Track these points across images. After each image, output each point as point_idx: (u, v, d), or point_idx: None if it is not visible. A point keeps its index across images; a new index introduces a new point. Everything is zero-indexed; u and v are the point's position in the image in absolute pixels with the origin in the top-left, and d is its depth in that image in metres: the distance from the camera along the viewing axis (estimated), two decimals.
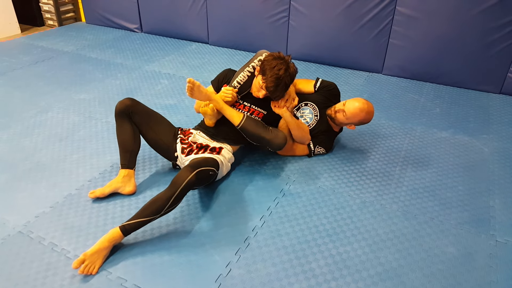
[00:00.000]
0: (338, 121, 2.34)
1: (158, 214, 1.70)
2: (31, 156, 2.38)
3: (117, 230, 1.68)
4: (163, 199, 1.70)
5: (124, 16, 4.82)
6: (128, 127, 2.05)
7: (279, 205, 2.02)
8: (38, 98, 3.10)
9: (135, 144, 2.07)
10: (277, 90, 2.04)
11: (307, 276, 1.62)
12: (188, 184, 1.74)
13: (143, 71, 3.67)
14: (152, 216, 1.70)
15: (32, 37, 4.61)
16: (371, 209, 2.01)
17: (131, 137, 2.05)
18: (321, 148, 2.40)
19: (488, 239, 1.84)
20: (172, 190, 1.72)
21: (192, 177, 1.76)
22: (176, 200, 1.73)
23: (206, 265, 1.66)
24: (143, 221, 1.70)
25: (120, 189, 2.04)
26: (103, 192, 2.01)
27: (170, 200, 1.70)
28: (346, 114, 2.27)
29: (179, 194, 1.73)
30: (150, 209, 1.70)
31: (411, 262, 1.70)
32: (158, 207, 1.70)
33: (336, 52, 3.81)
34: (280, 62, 2.02)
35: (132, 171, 2.06)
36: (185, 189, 1.74)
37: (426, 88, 3.46)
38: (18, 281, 1.58)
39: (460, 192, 2.14)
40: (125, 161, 2.05)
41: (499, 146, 2.59)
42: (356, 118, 2.27)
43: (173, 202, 1.72)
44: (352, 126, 2.35)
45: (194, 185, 1.81)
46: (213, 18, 4.27)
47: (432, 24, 3.34)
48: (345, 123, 2.34)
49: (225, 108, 2.12)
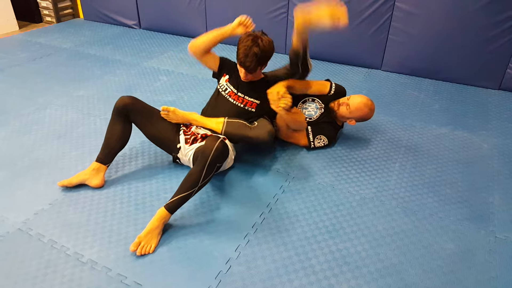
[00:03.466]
0: (340, 114, 2.38)
1: (195, 187, 1.78)
2: (29, 153, 2.37)
3: (163, 210, 1.77)
4: (197, 171, 1.77)
5: (122, 12, 4.79)
6: (119, 128, 2.09)
7: (279, 202, 2.02)
8: (36, 94, 3.09)
9: (118, 145, 2.12)
10: (247, 61, 2.07)
11: (307, 272, 1.62)
12: (217, 152, 1.79)
13: (141, 68, 3.65)
14: (190, 191, 1.77)
15: (30, 33, 4.59)
16: (370, 206, 2.01)
17: (117, 138, 2.10)
18: (321, 137, 2.40)
19: (488, 235, 1.84)
20: (202, 161, 1.78)
21: (219, 144, 1.80)
22: (208, 171, 1.79)
23: (206, 262, 1.66)
24: (183, 196, 1.77)
25: (87, 181, 2.06)
26: (71, 182, 2.05)
27: (203, 172, 1.77)
28: (349, 108, 2.32)
29: (211, 164, 1.78)
30: (187, 185, 1.78)
31: (411, 259, 1.70)
32: (193, 180, 1.77)
33: (335, 48, 3.80)
34: (249, 37, 2.09)
35: (104, 166, 2.10)
36: (215, 158, 1.79)
37: (425, 84, 3.45)
38: (17, 278, 1.58)
39: (460, 188, 2.15)
40: (101, 155, 2.09)
41: (498, 142, 2.59)
42: (359, 112, 2.32)
43: (206, 173, 1.78)
44: (352, 121, 2.38)
45: (221, 155, 1.84)
46: (211, 14, 4.25)
47: (431, 20, 3.33)
48: (346, 117, 2.37)
49: (205, 122, 2.16)
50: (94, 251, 1.70)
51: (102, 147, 2.09)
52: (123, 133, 2.10)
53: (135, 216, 1.90)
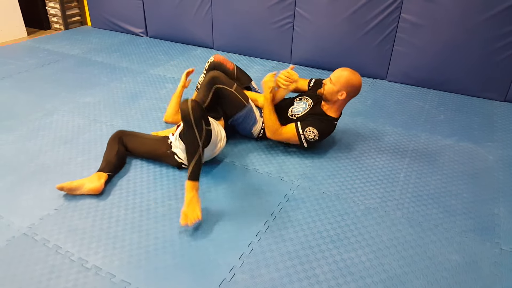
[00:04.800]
0: (327, 92, 2.35)
1: (198, 147, 1.91)
2: (36, 158, 2.39)
3: (188, 182, 1.89)
4: (190, 134, 1.91)
5: (130, 20, 4.85)
6: (115, 147, 2.26)
7: (283, 210, 2.02)
8: (43, 100, 3.12)
9: (115, 158, 2.22)
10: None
11: (311, 282, 1.62)
12: (194, 110, 1.89)
13: (148, 75, 3.68)
14: (197, 154, 1.90)
15: (38, 40, 4.65)
16: (375, 216, 2.00)
17: (114, 153, 2.23)
18: (311, 129, 2.34)
19: (493, 247, 1.83)
20: (188, 124, 1.90)
21: (192, 103, 1.90)
22: (199, 129, 1.90)
23: (210, 270, 1.66)
24: (195, 162, 1.90)
25: (86, 185, 2.06)
26: (70, 185, 2.05)
27: (195, 131, 1.90)
28: (332, 80, 2.33)
29: (196, 122, 1.89)
30: (190, 151, 1.91)
31: (415, 269, 1.69)
32: (193, 143, 1.91)
33: (340, 58, 3.82)
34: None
35: (104, 174, 2.13)
36: (197, 116, 1.89)
37: (431, 95, 3.46)
38: (22, 283, 1.58)
39: (465, 200, 2.14)
40: (101, 166, 2.18)
41: (503, 153, 2.58)
42: (341, 78, 2.31)
43: (199, 131, 1.90)
44: (343, 94, 2.32)
45: (200, 111, 1.93)
46: (218, 23, 4.29)
47: (436, 31, 3.34)
48: (335, 91, 2.33)
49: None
50: (98, 257, 1.71)
51: (102, 161, 2.22)
52: (119, 150, 2.25)
53: (140, 222, 1.90)
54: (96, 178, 2.09)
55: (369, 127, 2.87)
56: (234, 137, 2.64)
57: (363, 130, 2.83)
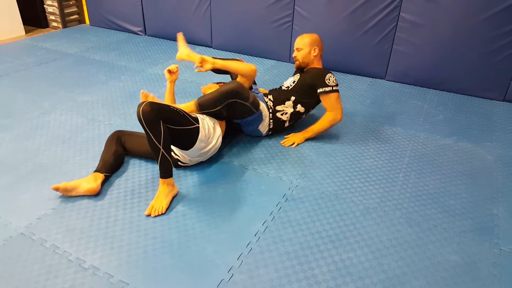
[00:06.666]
0: (302, 58, 2.60)
1: (159, 149, 1.93)
2: (33, 157, 2.37)
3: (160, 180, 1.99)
4: (148, 138, 1.92)
5: (128, 19, 4.83)
6: (113, 147, 2.26)
7: (282, 210, 2.01)
8: (41, 99, 3.11)
9: (112, 157, 2.21)
10: None
11: (310, 282, 1.61)
12: (145, 113, 1.88)
13: (146, 74, 3.67)
14: (159, 155, 1.94)
15: (36, 38, 4.63)
16: (374, 216, 2.00)
17: (112, 153, 2.22)
18: (326, 77, 2.49)
19: (492, 247, 1.83)
20: (143, 128, 1.91)
21: (144, 106, 1.89)
22: (151, 129, 1.91)
23: (208, 270, 1.66)
24: (159, 163, 1.96)
25: (82, 185, 2.05)
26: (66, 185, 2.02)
27: (151, 136, 1.91)
28: (299, 48, 2.59)
29: (148, 125, 1.89)
30: (154, 153, 1.95)
31: (415, 270, 1.69)
32: (152, 145, 1.94)
33: (339, 57, 3.81)
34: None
35: (101, 175, 2.12)
36: (148, 122, 1.89)
37: (430, 95, 3.45)
38: (19, 283, 1.57)
39: (464, 200, 2.13)
40: (98, 166, 2.17)
41: (502, 153, 2.58)
42: (304, 40, 2.58)
43: (152, 133, 1.91)
44: (315, 49, 2.58)
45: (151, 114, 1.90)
46: (216, 22, 4.28)
47: (436, 30, 3.34)
48: (307, 53, 2.59)
49: (182, 106, 2.25)
50: (96, 257, 1.70)
51: (99, 161, 2.21)
52: (117, 149, 2.26)
53: (138, 222, 1.89)
54: (93, 179, 2.08)
55: (368, 126, 2.87)
56: (233, 137, 2.63)
57: (362, 129, 2.82)
